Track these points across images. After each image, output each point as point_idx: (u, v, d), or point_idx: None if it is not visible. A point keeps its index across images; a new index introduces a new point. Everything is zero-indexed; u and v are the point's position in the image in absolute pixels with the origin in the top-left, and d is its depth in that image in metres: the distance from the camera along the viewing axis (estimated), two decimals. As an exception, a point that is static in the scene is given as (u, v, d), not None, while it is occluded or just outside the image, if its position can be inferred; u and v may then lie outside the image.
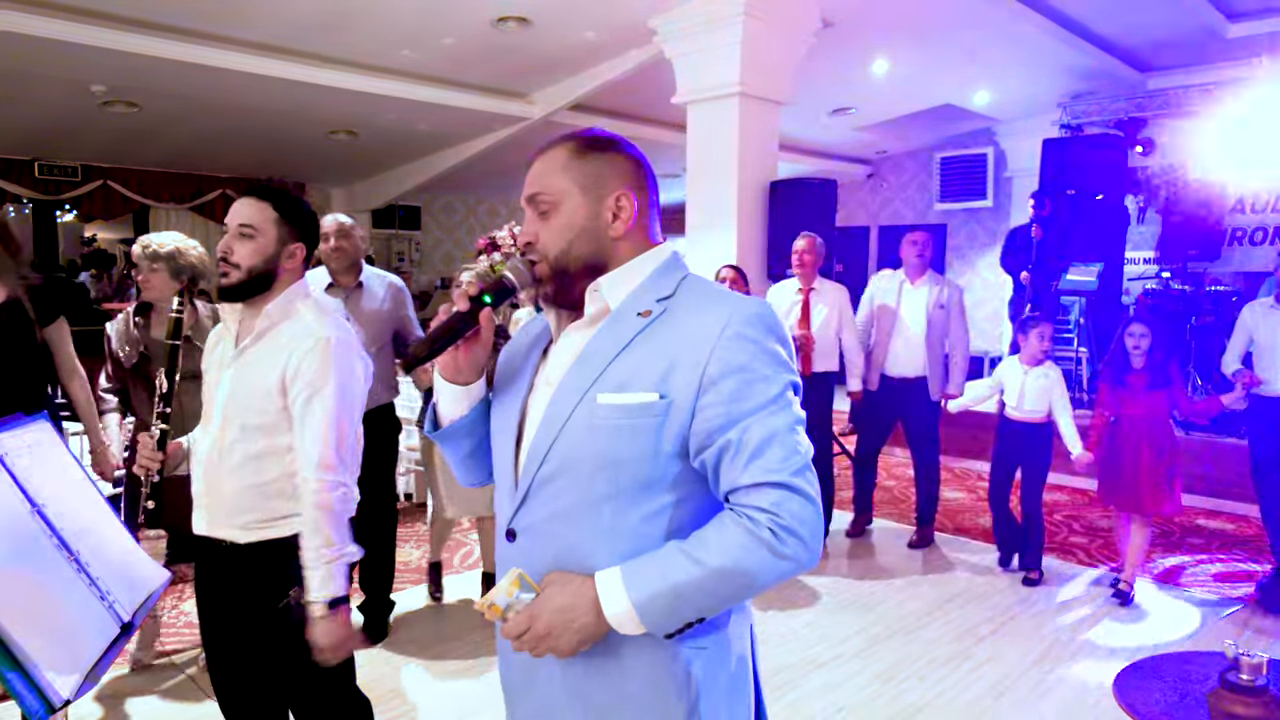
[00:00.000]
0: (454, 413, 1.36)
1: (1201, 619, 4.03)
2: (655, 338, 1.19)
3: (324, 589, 1.86)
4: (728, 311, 1.17)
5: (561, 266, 1.25)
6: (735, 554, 1.09)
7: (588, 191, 1.25)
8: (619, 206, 1.26)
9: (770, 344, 1.17)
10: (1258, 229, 8.13)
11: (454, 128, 8.03)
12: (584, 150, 1.27)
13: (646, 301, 1.23)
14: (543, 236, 1.26)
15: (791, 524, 1.10)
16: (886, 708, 3.19)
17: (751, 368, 1.14)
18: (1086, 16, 6.74)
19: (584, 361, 1.22)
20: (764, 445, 1.12)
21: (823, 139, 9.88)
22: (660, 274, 1.27)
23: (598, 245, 1.25)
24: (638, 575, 1.12)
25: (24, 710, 1.37)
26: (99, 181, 8.79)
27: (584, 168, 1.26)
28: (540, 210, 1.27)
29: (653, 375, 1.16)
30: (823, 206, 6.00)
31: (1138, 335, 4.15)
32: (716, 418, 1.13)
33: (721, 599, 1.12)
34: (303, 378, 1.89)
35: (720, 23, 5.61)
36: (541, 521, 1.22)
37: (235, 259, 1.91)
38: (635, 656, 1.19)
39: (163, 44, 5.62)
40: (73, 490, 1.76)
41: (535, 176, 1.28)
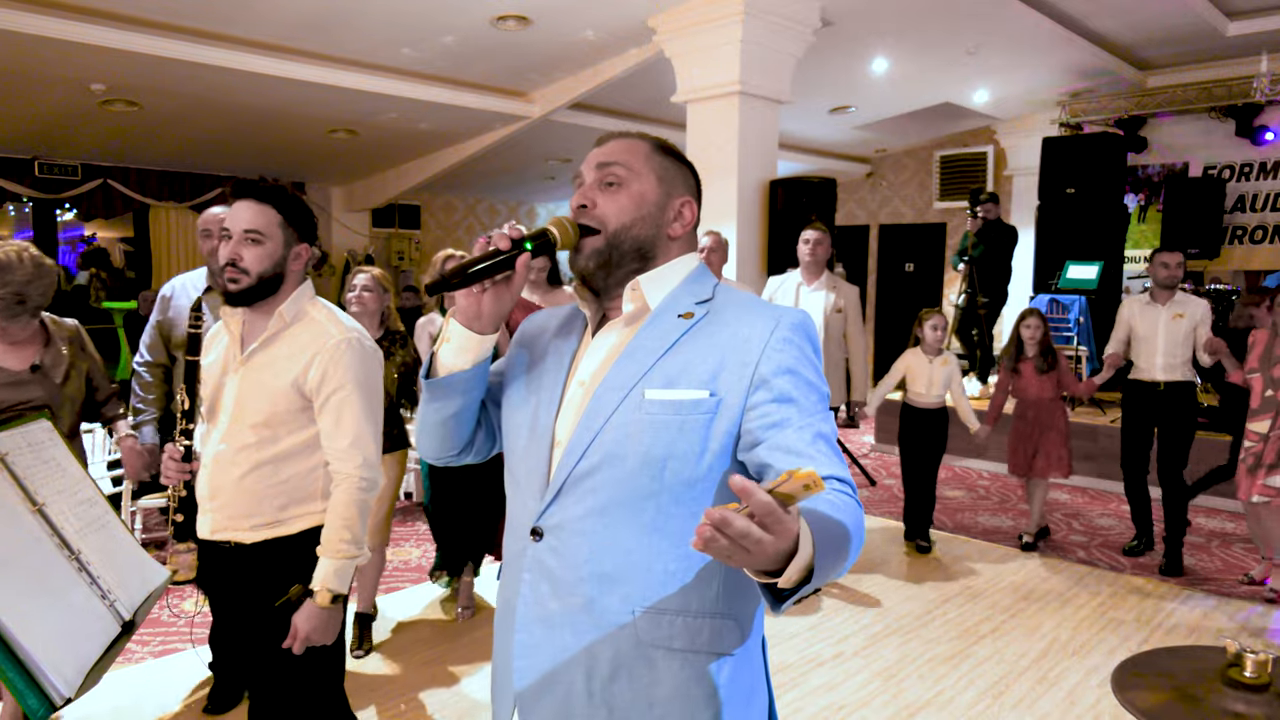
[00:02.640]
0: (456, 364, 1.28)
1: (1201, 617, 4.04)
2: (701, 338, 1.21)
3: (336, 580, 1.89)
4: (775, 316, 1.21)
5: (618, 241, 1.25)
6: (852, 513, 1.05)
7: (663, 184, 1.29)
8: (682, 211, 1.31)
9: (810, 352, 1.21)
10: (1258, 227, 8.13)
11: (454, 126, 8.03)
12: (665, 151, 1.32)
13: (686, 304, 1.25)
14: (604, 205, 1.26)
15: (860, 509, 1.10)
16: (886, 706, 3.20)
17: (799, 371, 1.17)
18: (1086, 14, 6.73)
19: (629, 357, 1.22)
20: (816, 443, 1.14)
21: (822, 137, 9.88)
22: (695, 279, 1.30)
23: (656, 235, 1.28)
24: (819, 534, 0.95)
25: (25, 708, 1.38)
26: (99, 180, 8.78)
27: (664, 164, 1.30)
28: (608, 180, 1.27)
29: (702, 374, 1.17)
30: (822, 205, 6.00)
31: (1033, 326, 4.84)
32: (770, 414, 1.15)
33: (843, 562, 1.01)
34: (330, 380, 1.92)
35: (720, 21, 5.60)
36: (576, 519, 1.19)
37: (245, 265, 1.91)
38: (668, 661, 1.17)
39: (163, 42, 5.62)
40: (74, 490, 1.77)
41: (615, 151, 1.29)
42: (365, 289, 3.62)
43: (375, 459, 1.97)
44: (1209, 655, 1.92)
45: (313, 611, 1.88)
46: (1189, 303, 4.69)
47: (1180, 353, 4.64)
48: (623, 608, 1.17)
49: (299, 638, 1.88)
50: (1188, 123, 8.40)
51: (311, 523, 1.97)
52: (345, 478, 1.94)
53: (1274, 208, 8.06)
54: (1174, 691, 1.79)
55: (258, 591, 1.95)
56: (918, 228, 10.81)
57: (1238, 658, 1.76)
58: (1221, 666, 1.79)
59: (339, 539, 1.90)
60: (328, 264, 10.11)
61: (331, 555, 1.90)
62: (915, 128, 9.70)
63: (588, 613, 1.19)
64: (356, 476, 1.93)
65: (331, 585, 1.89)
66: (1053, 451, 4.82)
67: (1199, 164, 8.40)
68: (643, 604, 1.17)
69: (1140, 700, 1.76)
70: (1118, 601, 4.22)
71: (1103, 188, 7.68)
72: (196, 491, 1.99)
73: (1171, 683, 1.82)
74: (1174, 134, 8.53)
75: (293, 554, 1.94)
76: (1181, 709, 1.73)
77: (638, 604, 1.17)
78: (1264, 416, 4.18)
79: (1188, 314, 4.64)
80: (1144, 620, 4.00)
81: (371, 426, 1.96)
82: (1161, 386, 4.67)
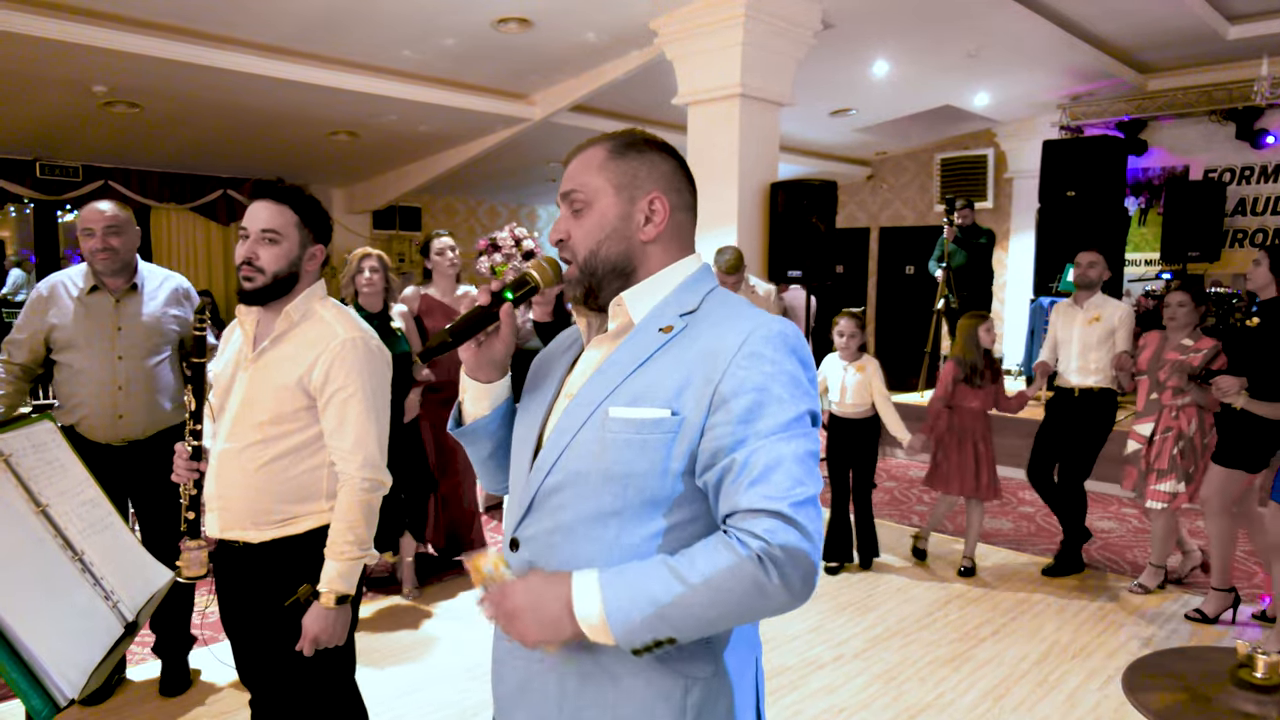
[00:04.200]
0: (476, 411, 1.35)
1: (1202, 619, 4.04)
2: (673, 353, 1.16)
3: (342, 582, 1.91)
4: (748, 328, 1.14)
5: (590, 267, 1.23)
6: (719, 577, 1.03)
7: (621, 191, 1.23)
8: (651, 209, 1.24)
9: (789, 365, 1.13)
10: (1258, 230, 8.14)
11: (455, 128, 8.04)
12: (622, 149, 1.25)
13: (670, 316, 1.21)
14: (575, 235, 1.24)
15: (782, 557, 1.03)
16: (887, 709, 3.20)
17: (766, 388, 1.10)
18: (1087, 17, 6.74)
19: (601, 374, 1.19)
20: (768, 471, 1.06)
21: (823, 140, 9.89)
22: (687, 287, 1.24)
23: (627, 247, 1.23)
24: (616, 581, 1.07)
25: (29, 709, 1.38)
26: (100, 182, 8.79)
27: (620, 167, 1.24)
28: (574, 208, 1.25)
29: (668, 391, 1.13)
30: (823, 208, 6.01)
31: (987, 331, 4.58)
32: (724, 437, 1.09)
33: (698, 621, 1.05)
34: (334, 380, 1.93)
35: (721, 24, 5.61)
36: (545, 533, 1.19)
37: (260, 264, 1.92)
38: (632, 679, 1.15)
39: (164, 44, 5.62)
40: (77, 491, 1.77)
41: (571, 173, 1.27)
42: (374, 270, 3.91)
43: (378, 459, 1.97)
44: (1219, 657, 1.92)
45: (320, 613, 1.90)
46: (1107, 305, 4.55)
47: (1095, 357, 4.49)
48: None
49: (308, 639, 1.90)
50: (1188, 126, 8.41)
51: (318, 522, 1.97)
52: (348, 479, 1.95)
53: (1274, 211, 8.07)
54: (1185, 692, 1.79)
55: (266, 591, 1.95)
56: (918, 230, 10.81)
57: (1249, 659, 1.76)
58: (1232, 667, 1.79)
59: (343, 541, 1.92)
60: (329, 264, 10.12)
61: (335, 557, 1.91)
62: (916, 130, 9.71)
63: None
64: (359, 477, 1.94)
65: (337, 587, 1.90)
66: (988, 471, 4.56)
67: (1199, 167, 8.41)
68: None
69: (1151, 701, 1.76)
70: (1119, 604, 4.22)
71: (1103, 191, 7.68)
72: (204, 489, 2.00)
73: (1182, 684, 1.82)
74: (1174, 137, 8.55)
75: (300, 553, 1.95)
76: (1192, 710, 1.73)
77: None
78: (1148, 419, 4.25)
79: (1104, 317, 4.50)
80: (1145, 623, 3.99)
81: (375, 427, 1.97)
82: (1076, 393, 4.55)
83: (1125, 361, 4.36)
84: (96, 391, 2.95)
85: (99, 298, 3.00)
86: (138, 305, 3.04)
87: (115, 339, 2.98)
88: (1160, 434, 4.18)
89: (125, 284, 3.03)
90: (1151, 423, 4.23)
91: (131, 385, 2.99)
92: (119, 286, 3.02)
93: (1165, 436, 4.16)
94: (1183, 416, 4.14)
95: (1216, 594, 4.03)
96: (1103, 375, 4.50)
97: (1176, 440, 4.13)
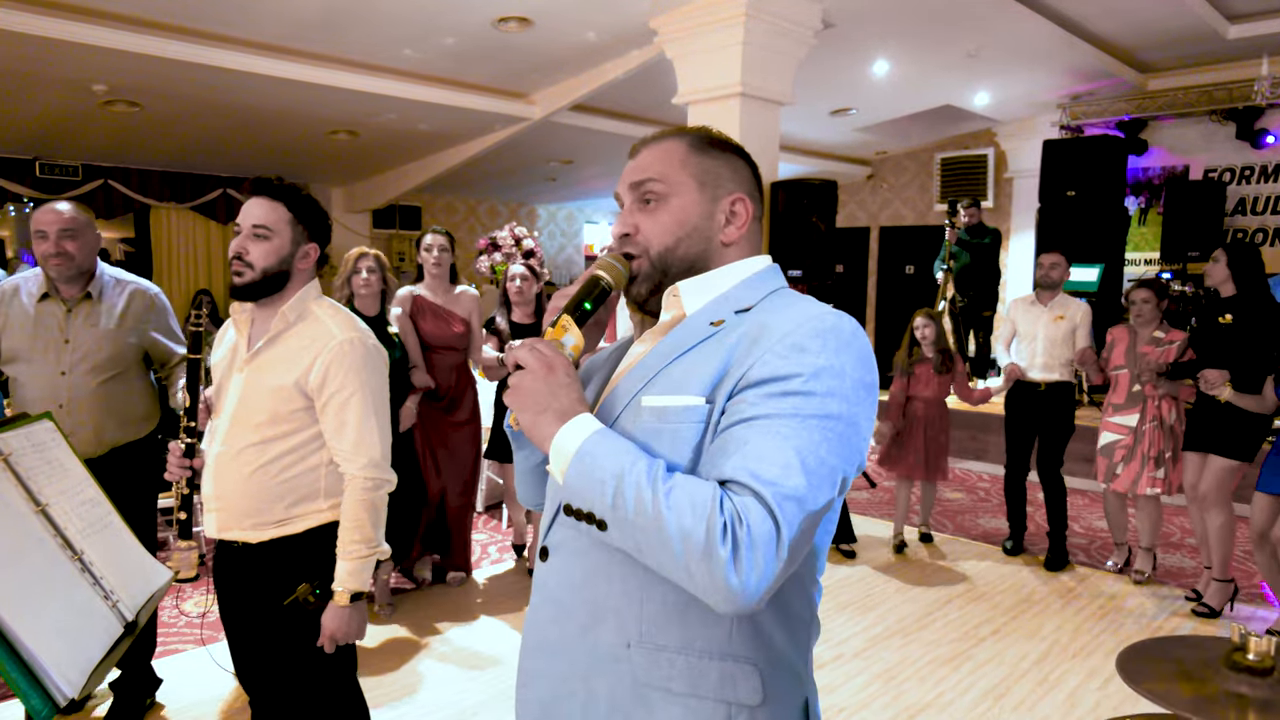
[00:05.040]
0: None
1: (1203, 620, 4.04)
2: (717, 344, 1.07)
3: (354, 580, 1.92)
4: (797, 318, 1.03)
5: (665, 264, 1.15)
6: (681, 506, 0.92)
7: (705, 189, 1.16)
8: (733, 211, 1.17)
9: (837, 361, 1.00)
10: (1258, 230, 8.14)
11: (455, 128, 8.03)
12: (705, 146, 1.18)
13: (724, 311, 1.11)
14: (646, 229, 1.16)
15: (745, 540, 0.90)
16: (887, 709, 3.20)
17: (796, 376, 0.98)
18: (1087, 17, 6.74)
19: (643, 364, 1.11)
20: (764, 449, 0.95)
21: (823, 139, 9.88)
22: (749, 284, 1.15)
23: (707, 248, 1.16)
24: (604, 442, 0.98)
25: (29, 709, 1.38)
26: (100, 181, 8.79)
27: (704, 164, 1.17)
28: (645, 199, 1.16)
29: (704, 378, 1.04)
30: (823, 207, 6.01)
31: (922, 327, 4.94)
32: (735, 418, 0.99)
33: (632, 527, 0.94)
34: (333, 381, 1.93)
35: (721, 23, 5.61)
36: (573, 537, 1.10)
37: (250, 258, 1.92)
38: (666, 705, 1.05)
39: (164, 43, 5.62)
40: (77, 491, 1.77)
41: (647, 163, 1.17)
42: (371, 271, 3.77)
43: (380, 458, 1.97)
44: (1214, 644, 1.95)
45: (335, 611, 1.92)
46: (1070, 304, 4.83)
47: (1060, 353, 4.77)
48: (617, 640, 1.07)
49: (326, 636, 1.93)
50: (1188, 126, 8.41)
51: (317, 522, 1.98)
52: (351, 479, 1.95)
53: (1274, 211, 8.07)
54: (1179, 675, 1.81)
55: (266, 591, 1.96)
56: (918, 230, 10.81)
57: (1242, 642, 1.78)
58: (1227, 651, 1.81)
59: (350, 541, 1.93)
60: (329, 264, 10.11)
61: (345, 557, 1.93)
62: (916, 130, 9.71)
63: (583, 642, 1.09)
64: (361, 477, 1.95)
65: (350, 585, 1.92)
66: (939, 457, 4.93)
67: (1199, 167, 8.41)
68: (639, 638, 1.05)
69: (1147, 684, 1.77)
70: (1119, 604, 4.22)
71: (1103, 190, 7.68)
72: (202, 490, 2.00)
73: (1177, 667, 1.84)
74: (1175, 137, 8.54)
75: (299, 553, 1.96)
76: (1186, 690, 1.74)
77: (634, 637, 1.06)
78: (1131, 410, 4.47)
79: (1068, 315, 4.78)
80: (1145, 622, 4.00)
81: (377, 426, 1.97)
82: (1042, 386, 4.80)
83: (1089, 355, 4.62)
84: (36, 408, 2.62)
85: (49, 306, 2.75)
86: (93, 316, 2.77)
87: (61, 352, 2.72)
88: (1149, 424, 4.39)
89: (79, 292, 2.77)
90: (1135, 414, 4.42)
91: (75, 404, 2.71)
92: (73, 295, 2.76)
93: (1151, 426, 4.38)
94: (1164, 405, 4.39)
95: (1219, 585, 4.10)
96: (1065, 370, 4.80)
97: (1159, 428, 4.37)
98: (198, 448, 2.04)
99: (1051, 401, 4.80)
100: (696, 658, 1.04)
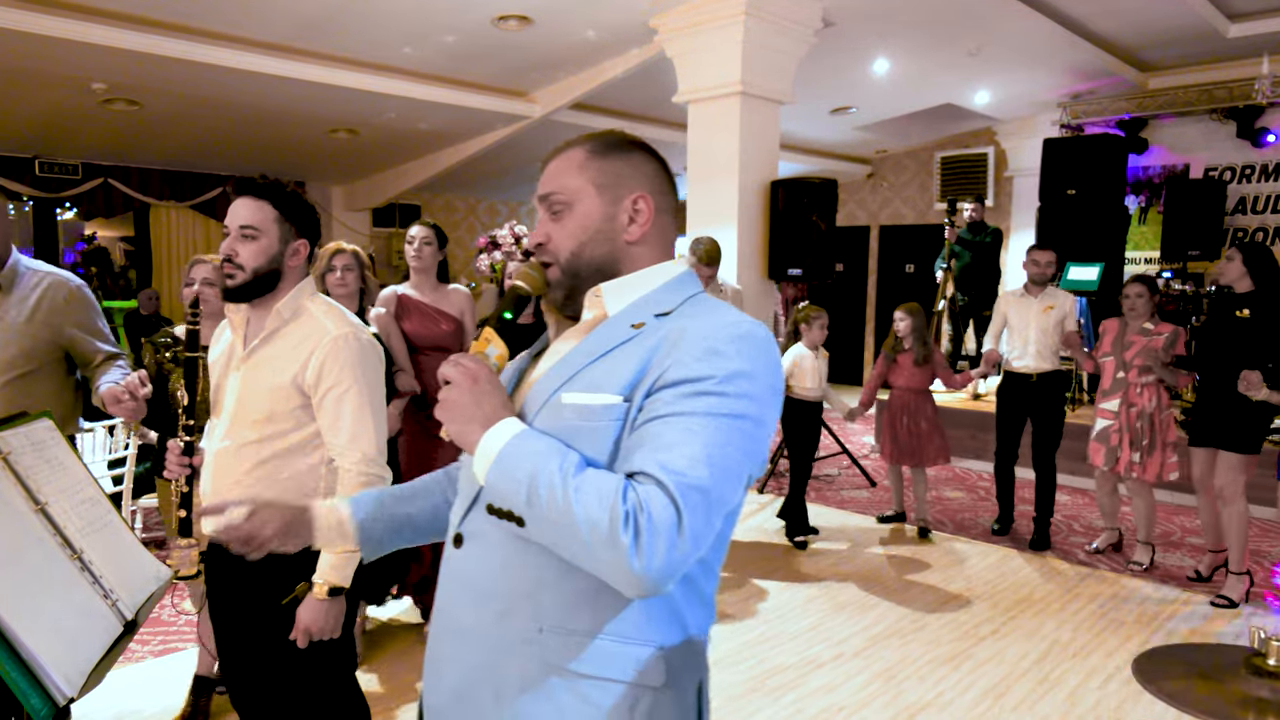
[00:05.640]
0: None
1: (1204, 620, 4.04)
2: (637, 346, 1.12)
3: (335, 574, 1.89)
4: (714, 324, 1.09)
5: (573, 269, 1.20)
6: (588, 499, 0.98)
7: (604, 191, 1.21)
8: (635, 209, 1.21)
9: (748, 365, 1.06)
10: (1259, 229, 8.13)
11: (454, 126, 8.03)
12: (603, 150, 1.23)
13: (645, 314, 1.16)
14: (555, 237, 1.22)
15: (645, 527, 0.96)
16: (887, 708, 3.20)
17: (711, 377, 1.04)
18: (1087, 15, 6.73)
19: (562, 364, 1.16)
20: (674, 442, 1.00)
21: (823, 138, 9.88)
22: (669, 289, 1.20)
23: (612, 248, 1.21)
24: (529, 442, 1.04)
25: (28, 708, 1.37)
26: (99, 180, 8.78)
27: (602, 167, 1.22)
28: (553, 210, 1.22)
29: (623, 379, 1.09)
30: (823, 206, 6.01)
31: (899, 320, 5.12)
32: (651, 415, 1.05)
33: (546, 522, 1.01)
34: (328, 377, 1.92)
35: (721, 22, 5.61)
36: (492, 526, 1.14)
37: (240, 260, 1.92)
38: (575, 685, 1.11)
39: (163, 42, 5.62)
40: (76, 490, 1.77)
41: (550, 176, 1.23)
42: (347, 269, 3.45)
43: (376, 453, 1.96)
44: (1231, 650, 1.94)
45: (311, 604, 1.89)
46: (1058, 296, 5.05)
47: (1050, 342, 4.95)
48: (531, 625, 1.11)
49: (300, 630, 1.90)
50: (1189, 124, 8.40)
51: None
52: (345, 473, 1.95)
53: (1275, 210, 8.07)
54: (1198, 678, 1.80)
55: (261, 591, 1.95)
56: (918, 229, 10.81)
57: (1263, 646, 1.78)
58: (1247, 655, 1.80)
59: None
60: (328, 263, 10.11)
61: (328, 549, 1.90)
62: (916, 129, 9.71)
63: (497, 628, 1.13)
64: (355, 471, 1.94)
65: (330, 579, 1.89)
66: (932, 441, 5.13)
67: (1200, 166, 8.41)
68: (551, 622, 1.10)
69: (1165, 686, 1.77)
70: (1119, 603, 4.22)
71: (1103, 189, 7.67)
72: (199, 488, 2.00)
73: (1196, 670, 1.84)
74: (1175, 136, 8.54)
75: (297, 553, 1.94)
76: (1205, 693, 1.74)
77: (546, 621, 1.11)
78: (1115, 396, 4.65)
79: (1057, 305, 4.98)
80: (1145, 622, 3.99)
81: (372, 421, 1.96)
82: (1034, 377, 4.98)
83: (1074, 338, 4.89)
84: None
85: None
86: (1, 309, 2.59)
87: None
88: (1123, 408, 4.59)
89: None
90: (1118, 399, 4.61)
91: None
92: None
93: (1128, 412, 4.57)
94: (1145, 393, 4.54)
95: (1236, 578, 4.21)
96: (1055, 359, 4.99)
97: (1138, 416, 4.54)
98: (196, 445, 2.04)
99: (1044, 391, 4.97)
100: (606, 641, 1.10)
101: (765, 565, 4.72)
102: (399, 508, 1.41)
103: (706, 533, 1.01)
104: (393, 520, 1.40)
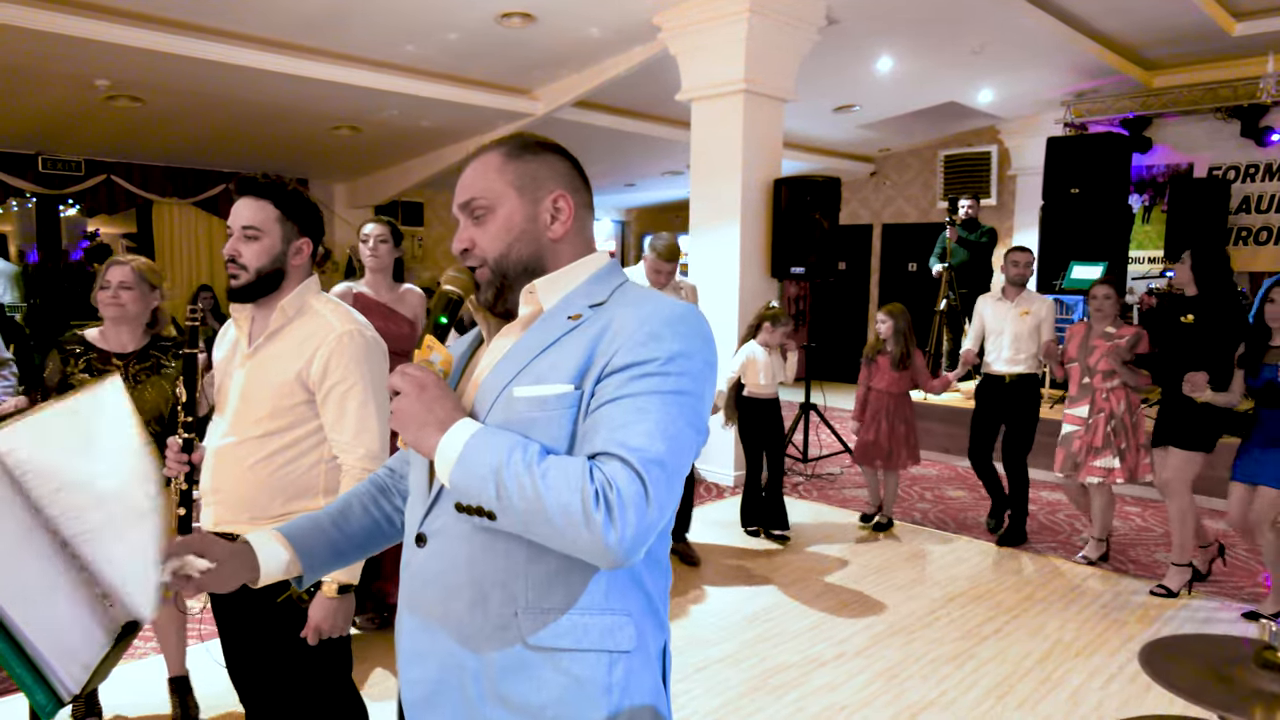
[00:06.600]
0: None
1: (1204, 620, 4.03)
2: (579, 336, 1.18)
3: (344, 572, 1.90)
4: (650, 311, 1.16)
5: (502, 269, 1.25)
6: (556, 484, 1.04)
7: (524, 193, 1.25)
8: (556, 208, 1.26)
9: (684, 346, 1.14)
10: (1262, 228, 8.11)
11: (457, 124, 8.03)
12: (518, 152, 1.27)
13: (579, 306, 1.22)
14: (480, 241, 1.26)
15: (615, 502, 1.03)
16: (889, 707, 3.19)
17: (654, 360, 1.11)
18: (1092, 14, 6.72)
19: (508, 359, 1.21)
20: (628, 422, 1.08)
21: (826, 136, 9.87)
22: (597, 280, 1.26)
23: (537, 247, 1.26)
24: (488, 438, 1.09)
25: (33, 704, 1.38)
26: (102, 176, 8.79)
27: (519, 169, 1.26)
28: (475, 215, 1.26)
29: (571, 369, 1.15)
30: (826, 204, 6.00)
31: (880, 322, 5.14)
32: (604, 397, 1.11)
33: (517, 512, 1.06)
34: (333, 373, 1.93)
35: (724, 20, 5.60)
36: (455, 522, 1.18)
37: (243, 261, 1.93)
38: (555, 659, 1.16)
39: (167, 39, 5.62)
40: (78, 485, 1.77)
41: (469, 181, 1.27)
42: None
43: (379, 450, 1.97)
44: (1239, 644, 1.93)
45: (322, 602, 1.91)
46: (1035, 300, 5.07)
47: (1026, 347, 4.99)
48: (506, 609, 1.16)
49: (312, 628, 1.91)
50: (1193, 123, 8.38)
51: None
52: (348, 469, 1.95)
53: (1278, 209, 8.04)
54: (1207, 671, 1.79)
55: (261, 590, 1.95)
56: (921, 227, 10.79)
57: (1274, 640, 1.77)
58: (1258, 650, 1.80)
59: None
60: (331, 260, 10.12)
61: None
62: (919, 127, 9.69)
63: (471, 617, 1.17)
64: (359, 469, 1.94)
65: (339, 576, 1.90)
66: (907, 444, 5.17)
67: (1204, 165, 8.38)
68: (525, 605, 1.16)
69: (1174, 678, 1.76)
70: (1121, 602, 4.21)
71: (1107, 188, 7.66)
72: (200, 484, 2.00)
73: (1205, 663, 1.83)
74: (1179, 134, 8.51)
75: None
76: (1214, 687, 1.73)
77: (521, 604, 1.16)
78: (1082, 402, 4.62)
79: (1033, 310, 5.01)
80: (1147, 621, 3.99)
81: (376, 418, 1.97)
82: (1008, 379, 5.03)
83: (1053, 349, 4.88)
84: None
85: None
86: None
87: None
88: (1094, 415, 4.54)
89: None
90: (1085, 405, 4.58)
91: None
92: None
93: (1098, 418, 4.53)
94: (1113, 398, 4.51)
95: (1177, 569, 4.28)
96: (1031, 362, 5.03)
97: (1108, 420, 4.50)
98: (196, 443, 2.04)
99: (1017, 393, 5.03)
100: (579, 615, 1.16)
101: (766, 564, 4.72)
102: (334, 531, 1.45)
103: (670, 501, 1.09)
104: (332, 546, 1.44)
